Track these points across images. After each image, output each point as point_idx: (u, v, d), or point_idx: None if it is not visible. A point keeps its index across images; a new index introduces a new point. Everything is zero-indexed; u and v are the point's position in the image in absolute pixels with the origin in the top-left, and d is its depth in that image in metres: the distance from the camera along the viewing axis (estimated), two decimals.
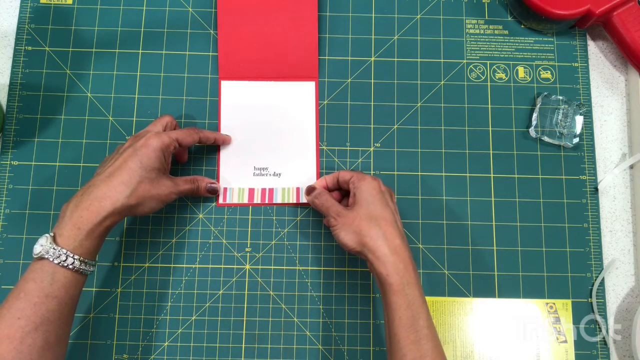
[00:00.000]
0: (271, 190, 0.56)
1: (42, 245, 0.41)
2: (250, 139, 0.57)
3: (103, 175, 0.45)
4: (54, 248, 0.41)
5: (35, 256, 0.41)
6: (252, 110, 0.58)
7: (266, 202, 0.56)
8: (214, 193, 0.55)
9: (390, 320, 0.43)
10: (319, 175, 0.56)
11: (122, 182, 0.45)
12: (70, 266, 0.41)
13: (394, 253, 0.44)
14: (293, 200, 0.56)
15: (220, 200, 0.56)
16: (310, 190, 0.52)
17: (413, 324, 0.42)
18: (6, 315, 0.40)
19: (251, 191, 0.56)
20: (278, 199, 0.56)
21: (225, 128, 0.57)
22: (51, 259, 0.41)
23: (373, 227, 0.45)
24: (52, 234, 0.42)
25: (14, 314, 0.40)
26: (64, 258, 0.41)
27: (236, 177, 0.56)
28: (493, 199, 0.56)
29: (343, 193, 0.53)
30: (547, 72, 0.59)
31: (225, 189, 0.56)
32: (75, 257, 0.42)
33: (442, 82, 0.59)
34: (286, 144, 0.57)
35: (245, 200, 0.56)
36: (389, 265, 0.44)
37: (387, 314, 0.44)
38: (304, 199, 0.55)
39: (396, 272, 0.43)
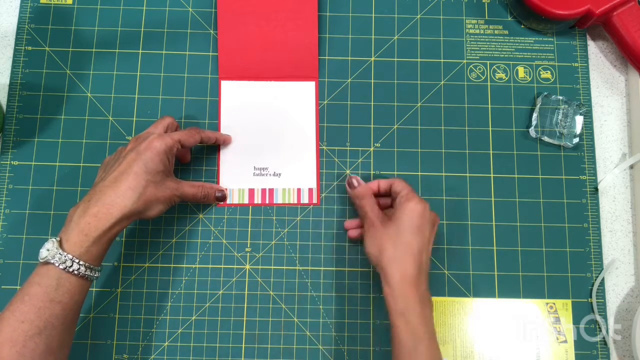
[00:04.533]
0: (271, 191, 0.56)
1: (49, 249, 0.41)
2: (250, 139, 0.57)
3: (108, 181, 0.45)
4: (60, 253, 0.41)
5: (41, 260, 0.41)
6: (252, 110, 0.58)
7: (266, 202, 0.56)
8: (222, 200, 0.55)
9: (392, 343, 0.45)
10: (319, 175, 0.56)
11: (130, 187, 0.44)
12: (76, 272, 0.41)
13: (402, 279, 0.45)
14: (293, 200, 0.56)
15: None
16: (351, 183, 0.52)
17: (414, 351, 0.43)
18: (10, 319, 0.40)
19: (251, 191, 0.56)
20: (278, 199, 0.56)
21: (225, 128, 0.57)
22: (57, 264, 0.41)
23: (393, 251, 0.46)
24: (58, 239, 0.42)
25: (17, 318, 0.40)
26: (69, 264, 0.41)
27: (236, 177, 0.56)
28: (493, 199, 0.56)
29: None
30: (547, 72, 0.59)
31: (225, 189, 0.56)
32: (81, 263, 0.42)
33: (442, 82, 0.59)
34: (286, 144, 0.57)
35: (246, 201, 0.56)
36: (395, 290, 0.45)
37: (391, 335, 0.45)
38: (304, 199, 0.55)
39: (401, 297, 0.44)
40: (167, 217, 0.55)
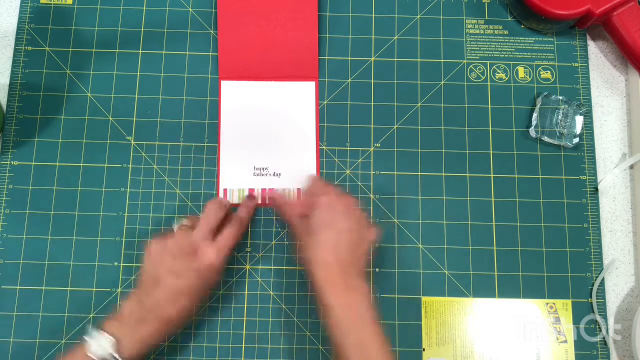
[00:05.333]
0: (271, 191, 0.56)
1: (103, 347, 0.42)
2: (250, 139, 0.57)
3: (169, 296, 0.45)
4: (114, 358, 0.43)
5: (90, 354, 0.42)
6: (252, 110, 0.58)
7: (266, 202, 0.56)
8: (252, 199, 0.55)
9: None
10: (319, 175, 0.56)
11: (189, 308, 0.46)
12: None
13: (322, 277, 0.45)
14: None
15: None
16: (272, 199, 0.55)
17: None
18: None
19: (251, 191, 0.56)
20: None
21: (225, 128, 0.57)
22: None
23: (311, 251, 0.46)
24: (113, 341, 0.43)
25: None
26: None
27: (236, 177, 0.56)
28: (493, 199, 0.56)
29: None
30: (547, 72, 0.59)
31: (225, 189, 0.56)
32: None
33: (442, 82, 0.59)
34: (286, 144, 0.57)
35: None
36: (318, 288, 0.46)
37: None
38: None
39: (324, 293, 0.45)
40: (167, 217, 0.55)
